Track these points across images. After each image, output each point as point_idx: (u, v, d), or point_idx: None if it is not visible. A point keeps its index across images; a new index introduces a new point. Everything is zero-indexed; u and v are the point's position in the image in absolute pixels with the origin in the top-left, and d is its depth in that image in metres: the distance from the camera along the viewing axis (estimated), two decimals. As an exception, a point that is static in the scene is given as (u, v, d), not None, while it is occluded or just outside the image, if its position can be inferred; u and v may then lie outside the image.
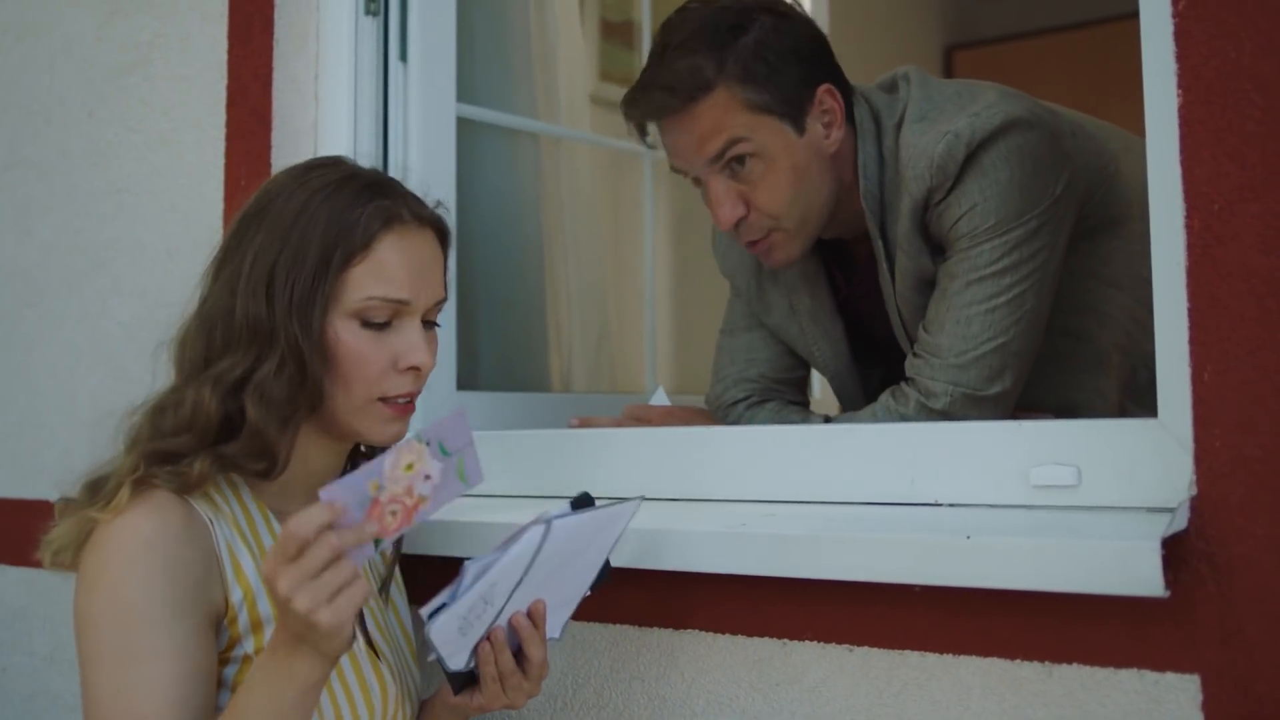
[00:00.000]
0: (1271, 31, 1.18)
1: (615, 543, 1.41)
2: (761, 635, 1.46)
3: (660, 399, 1.92)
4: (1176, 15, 1.23)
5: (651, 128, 1.77)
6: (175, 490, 1.32)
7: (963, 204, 1.61)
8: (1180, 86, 1.23)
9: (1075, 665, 1.26)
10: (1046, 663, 1.28)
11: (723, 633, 1.49)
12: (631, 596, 1.55)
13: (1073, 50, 5.12)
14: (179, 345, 1.43)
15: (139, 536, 1.29)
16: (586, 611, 1.60)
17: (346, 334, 1.36)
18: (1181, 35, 1.23)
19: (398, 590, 1.58)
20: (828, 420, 1.75)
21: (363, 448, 1.56)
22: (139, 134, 2.18)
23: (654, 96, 1.70)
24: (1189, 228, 1.22)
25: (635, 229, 2.62)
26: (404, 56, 2.06)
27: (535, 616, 1.36)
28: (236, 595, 1.33)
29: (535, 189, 2.43)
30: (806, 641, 1.43)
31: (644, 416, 1.84)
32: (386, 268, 1.37)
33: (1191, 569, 1.20)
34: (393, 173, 2.00)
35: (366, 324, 1.37)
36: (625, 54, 2.85)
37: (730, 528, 1.42)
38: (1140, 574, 1.15)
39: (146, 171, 2.16)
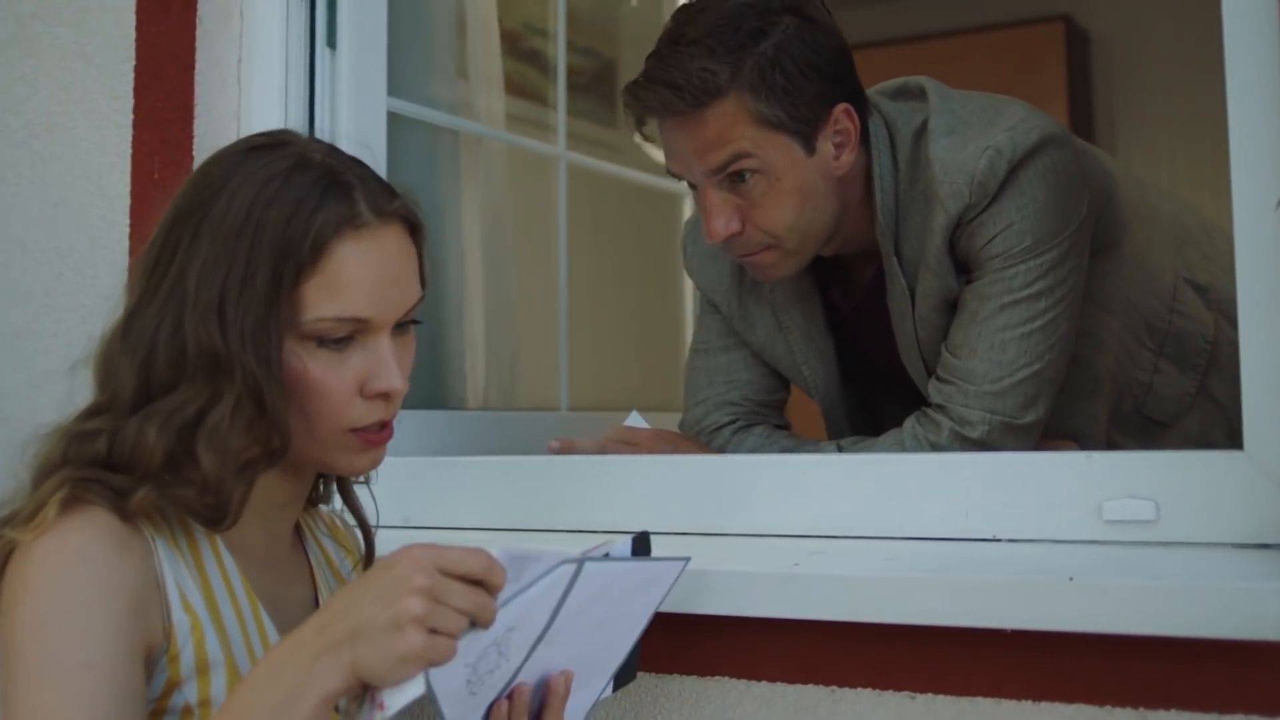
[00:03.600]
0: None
1: (649, 617, 1.24)
2: (805, 682, 1.35)
3: (636, 421, 1.79)
4: (1289, 27, 1.19)
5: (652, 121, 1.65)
6: (112, 511, 1.13)
7: (998, 223, 1.55)
8: (1292, 103, 1.19)
9: (1174, 711, 1.20)
10: (1141, 709, 1.21)
11: (758, 680, 1.38)
12: (646, 640, 1.42)
13: (907, 62, 5.17)
14: (104, 363, 1.21)
15: (68, 545, 1.09)
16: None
17: (303, 360, 1.16)
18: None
19: None
20: (840, 449, 1.65)
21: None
22: (19, 118, 1.92)
23: (659, 93, 1.57)
24: (1301, 253, 1.18)
25: (549, 237, 2.49)
26: (332, 43, 1.87)
27: (564, 685, 1.19)
28: (183, 625, 1.13)
29: (456, 192, 2.26)
30: (860, 689, 1.33)
31: (631, 440, 1.71)
32: (341, 282, 1.16)
33: (1307, 609, 1.15)
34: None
35: (324, 344, 1.17)
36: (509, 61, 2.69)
37: (783, 568, 1.31)
38: (1266, 617, 1.10)
39: (29, 160, 1.90)
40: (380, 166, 1.91)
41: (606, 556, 1.15)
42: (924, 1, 5.61)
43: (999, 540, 1.37)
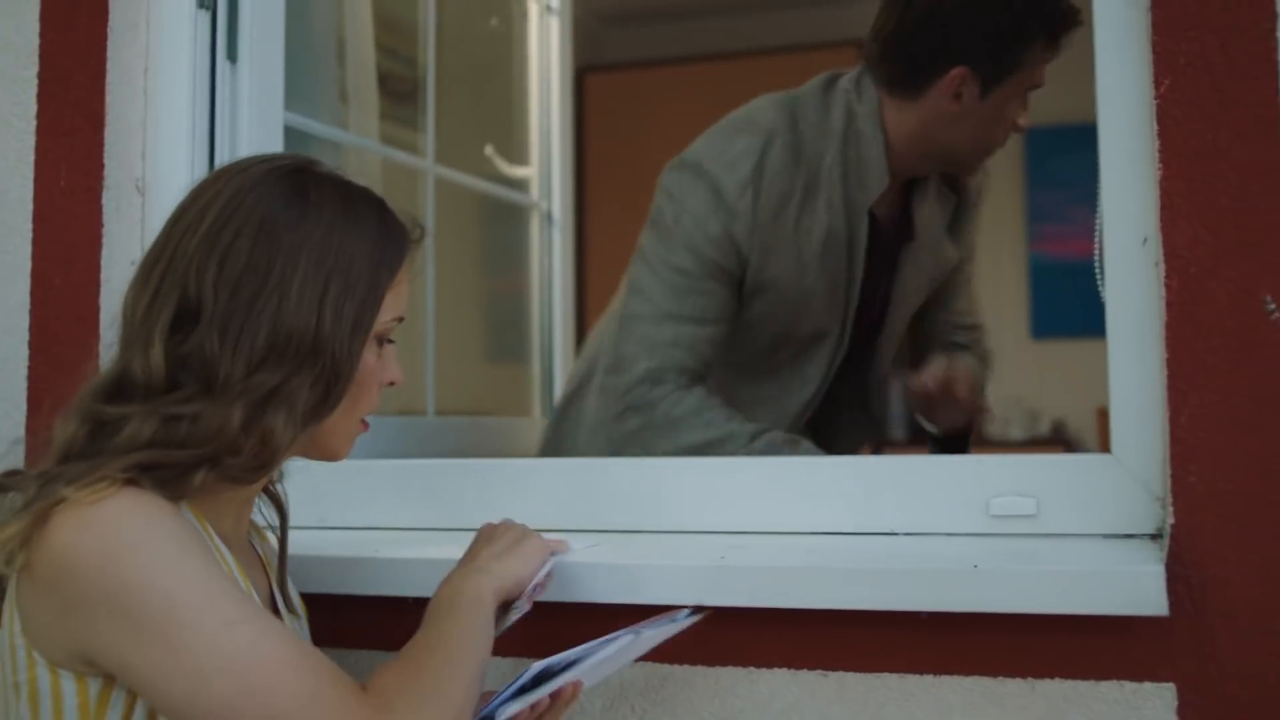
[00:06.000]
0: (1247, 120, 1.35)
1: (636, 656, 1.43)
2: (724, 664, 1.48)
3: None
4: (1159, 98, 1.38)
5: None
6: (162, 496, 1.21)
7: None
8: (1161, 161, 1.38)
9: (1057, 680, 1.38)
10: (1029, 679, 1.39)
11: (678, 664, 1.50)
12: (565, 630, 1.53)
13: (709, 80, 5.27)
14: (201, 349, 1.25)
15: (141, 510, 1.17)
16: (520, 648, 1.55)
17: (371, 354, 1.33)
18: (1164, 116, 1.38)
19: (300, 605, 1.48)
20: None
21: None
22: (-96, 119, 1.89)
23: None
24: (1169, 286, 1.37)
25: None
26: (232, 56, 1.92)
27: (573, 692, 1.34)
28: None
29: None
30: (775, 669, 1.47)
31: None
32: (403, 287, 1.36)
33: (1171, 589, 1.34)
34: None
35: (380, 342, 1.35)
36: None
37: (712, 561, 1.44)
38: (1147, 596, 1.29)
39: (-84, 163, 1.87)
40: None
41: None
42: (719, 21, 5.84)
43: (896, 534, 1.54)
